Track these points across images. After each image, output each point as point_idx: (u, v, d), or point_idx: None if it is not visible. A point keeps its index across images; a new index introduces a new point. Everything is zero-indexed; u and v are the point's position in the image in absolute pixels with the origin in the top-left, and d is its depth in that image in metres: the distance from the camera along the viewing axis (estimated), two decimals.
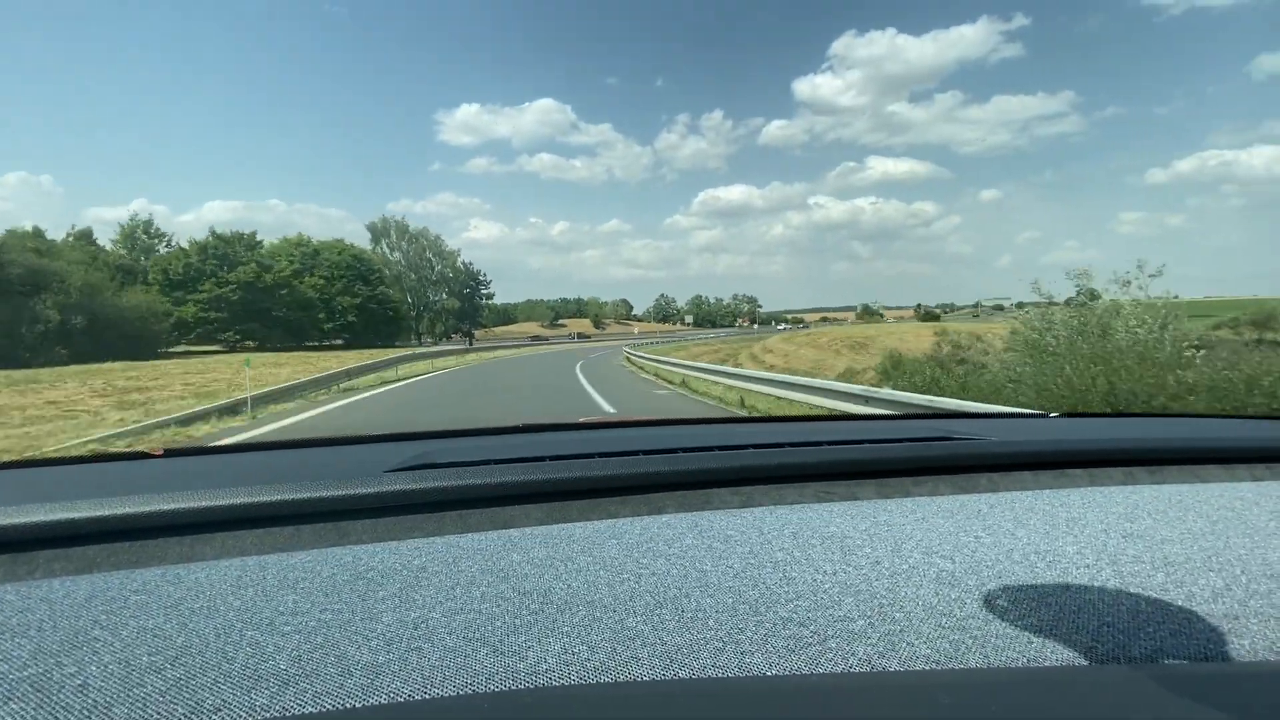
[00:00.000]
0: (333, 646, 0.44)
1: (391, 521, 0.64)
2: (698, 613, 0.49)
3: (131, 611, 0.48)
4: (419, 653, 0.44)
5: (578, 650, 0.45)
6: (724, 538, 0.60)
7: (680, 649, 0.46)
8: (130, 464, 0.92)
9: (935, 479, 0.78)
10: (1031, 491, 0.74)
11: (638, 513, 0.68)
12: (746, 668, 0.45)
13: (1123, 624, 0.49)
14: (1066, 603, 0.51)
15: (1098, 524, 0.64)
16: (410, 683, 0.42)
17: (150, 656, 0.43)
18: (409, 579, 0.53)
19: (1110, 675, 0.44)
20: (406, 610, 0.49)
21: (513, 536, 0.61)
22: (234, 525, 0.61)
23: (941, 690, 0.41)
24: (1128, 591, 0.53)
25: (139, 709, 0.39)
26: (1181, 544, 0.60)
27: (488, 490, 0.67)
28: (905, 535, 0.61)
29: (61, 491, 0.72)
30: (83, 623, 0.46)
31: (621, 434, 1.13)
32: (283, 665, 0.43)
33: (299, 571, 0.54)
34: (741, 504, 0.71)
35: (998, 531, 0.62)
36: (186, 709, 0.39)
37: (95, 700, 0.39)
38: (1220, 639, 0.49)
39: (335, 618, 0.48)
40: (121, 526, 0.58)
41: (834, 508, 0.68)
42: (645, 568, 0.55)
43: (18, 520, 0.56)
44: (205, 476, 0.81)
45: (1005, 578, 0.54)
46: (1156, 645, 0.48)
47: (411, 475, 0.68)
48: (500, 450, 0.84)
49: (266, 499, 0.61)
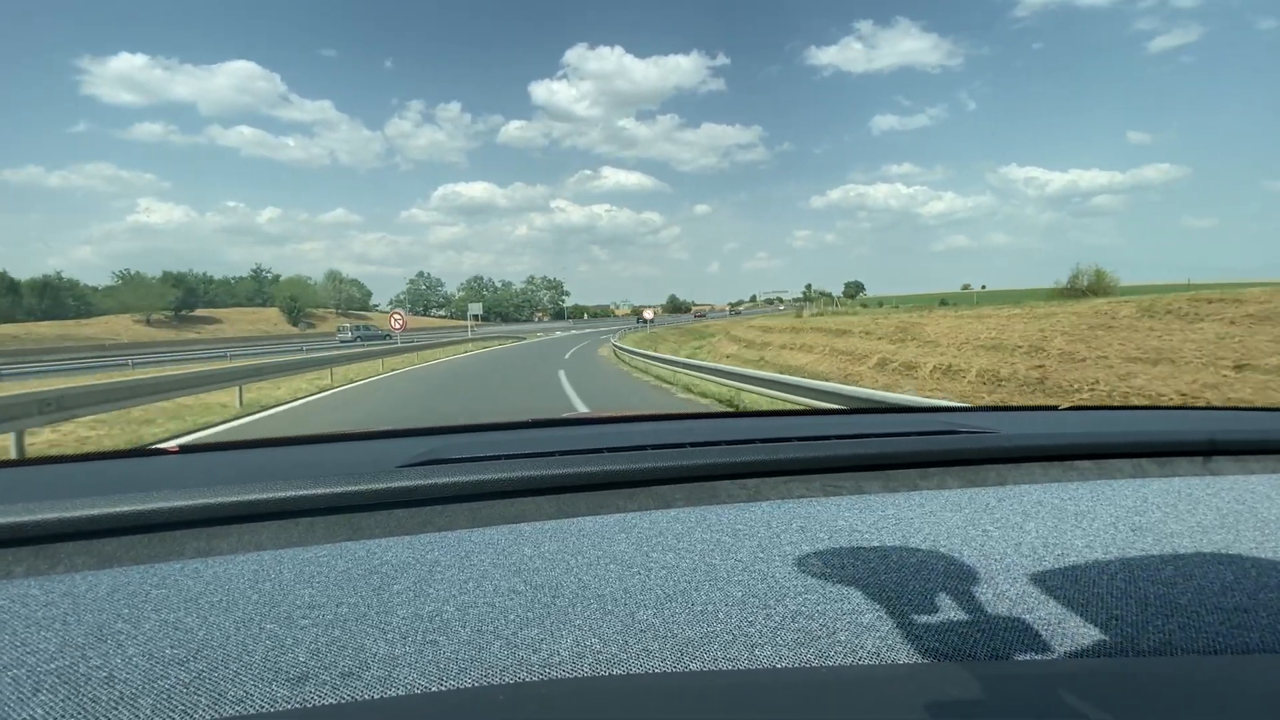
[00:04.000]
0: (350, 639, 0.45)
1: (404, 516, 0.65)
2: (707, 606, 0.50)
3: (153, 605, 0.49)
4: (434, 645, 0.45)
5: (590, 643, 0.46)
6: (732, 531, 0.61)
7: (691, 642, 0.46)
8: (145, 460, 0.93)
9: (943, 472, 0.78)
10: (1040, 485, 0.74)
11: (646, 507, 0.69)
12: (756, 660, 0.45)
13: (1131, 617, 0.50)
14: (1075, 596, 0.51)
15: (1106, 517, 0.64)
16: (427, 675, 0.43)
17: (173, 649, 0.44)
18: (422, 573, 0.54)
19: (1119, 668, 0.44)
20: (421, 604, 0.49)
21: (523, 531, 0.62)
22: (250, 520, 0.62)
23: (951, 683, 0.41)
24: (1136, 584, 0.53)
25: (164, 701, 0.39)
26: (1191, 537, 0.60)
27: (498, 485, 0.67)
28: (914, 529, 0.61)
29: (80, 488, 0.73)
30: (106, 616, 0.47)
31: (629, 429, 1.14)
32: (301, 658, 0.43)
33: (314, 566, 0.55)
34: (749, 498, 0.71)
35: (1006, 525, 0.62)
36: (210, 700, 0.40)
37: (122, 692, 0.40)
38: (1230, 632, 0.49)
39: (351, 611, 0.48)
40: (140, 521, 0.59)
41: (841, 501, 0.69)
42: (655, 561, 0.56)
43: (40, 516, 0.57)
44: (219, 472, 0.82)
45: (1014, 571, 0.55)
46: (1165, 638, 0.48)
47: (423, 470, 0.68)
48: (509, 445, 0.85)
49: (281, 494, 0.62)
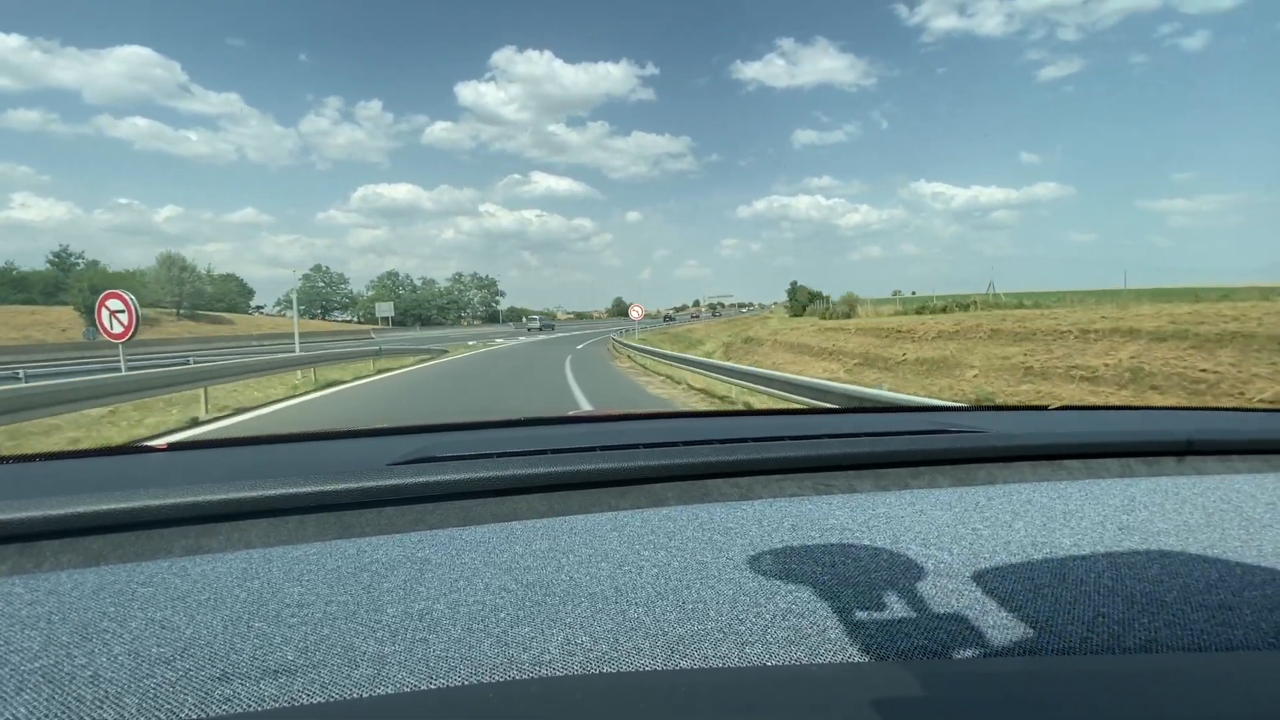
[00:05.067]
0: (339, 638, 0.45)
1: (394, 514, 0.65)
2: (698, 604, 0.50)
3: (139, 604, 0.48)
4: (424, 644, 0.45)
5: (580, 641, 0.46)
6: (724, 530, 0.61)
7: (682, 640, 0.46)
8: (134, 457, 0.92)
9: (933, 471, 0.78)
10: (1029, 484, 0.75)
11: (638, 505, 0.69)
12: (747, 658, 0.45)
13: (1118, 615, 0.50)
14: (1063, 594, 0.52)
15: (1094, 516, 0.65)
16: (416, 673, 0.42)
17: (159, 648, 0.43)
18: (413, 571, 0.53)
19: (1105, 665, 0.45)
20: (411, 602, 0.49)
21: (514, 529, 0.62)
22: (239, 518, 0.62)
23: (940, 681, 0.42)
24: (1123, 582, 0.53)
25: (150, 700, 0.39)
26: (1177, 536, 0.61)
27: (489, 483, 0.67)
28: (904, 527, 0.62)
29: (66, 485, 0.72)
30: (91, 615, 0.47)
31: (621, 427, 1.14)
32: (290, 656, 0.43)
33: (304, 564, 0.54)
34: (741, 496, 0.71)
35: (995, 523, 0.63)
36: (196, 699, 0.39)
37: (106, 691, 0.39)
38: (1215, 629, 0.49)
39: (341, 609, 0.48)
40: (127, 519, 0.59)
41: (833, 500, 0.69)
42: (646, 559, 0.56)
43: (25, 514, 0.56)
44: (208, 469, 0.81)
45: (1003, 569, 0.55)
46: (1151, 636, 0.49)
47: (413, 468, 0.68)
48: (501, 443, 0.85)
49: (271, 492, 0.61)
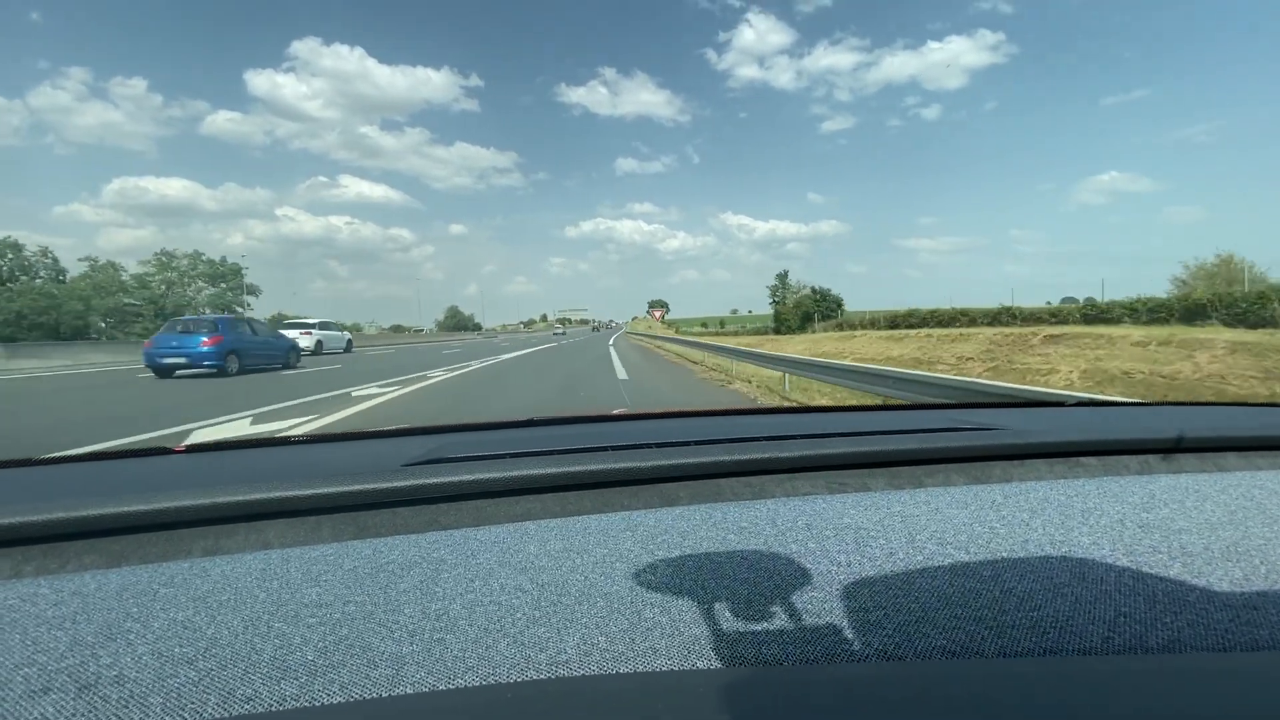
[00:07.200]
0: (358, 638, 0.45)
1: (409, 514, 0.65)
2: (713, 604, 0.50)
3: (161, 604, 0.49)
4: (442, 644, 0.45)
5: (596, 641, 0.46)
6: (737, 529, 0.61)
7: (697, 640, 0.46)
8: (152, 459, 0.94)
9: (948, 469, 0.77)
10: (1047, 481, 0.74)
11: (651, 505, 0.69)
12: (763, 658, 0.45)
13: (1139, 614, 0.49)
14: (1082, 593, 0.51)
15: (1113, 514, 0.64)
16: (434, 673, 0.43)
17: (182, 648, 0.44)
18: (429, 571, 0.54)
19: (1129, 665, 0.44)
20: (428, 602, 0.50)
21: (528, 529, 0.62)
22: (257, 518, 0.62)
23: (959, 681, 0.41)
24: (1144, 581, 0.53)
25: (174, 699, 0.40)
26: (1199, 534, 0.60)
27: (503, 483, 0.68)
28: (919, 526, 0.61)
29: (88, 487, 0.73)
30: (115, 615, 0.47)
31: (633, 426, 1.14)
32: (310, 656, 0.43)
33: (322, 564, 0.55)
34: (754, 495, 0.71)
35: (1012, 522, 0.62)
36: (219, 699, 0.40)
37: (131, 691, 0.40)
38: (1239, 629, 0.48)
39: (359, 610, 0.48)
40: (148, 521, 0.60)
41: (847, 499, 0.68)
42: (660, 559, 0.56)
43: (48, 515, 0.57)
44: (226, 471, 0.82)
45: (1020, 568, 0.54)
46: (1174, 635, 0.48)
47: (428, 469, 0.68)
48: (514, 444, 0.85)
49: (288, 493, 0.62)
